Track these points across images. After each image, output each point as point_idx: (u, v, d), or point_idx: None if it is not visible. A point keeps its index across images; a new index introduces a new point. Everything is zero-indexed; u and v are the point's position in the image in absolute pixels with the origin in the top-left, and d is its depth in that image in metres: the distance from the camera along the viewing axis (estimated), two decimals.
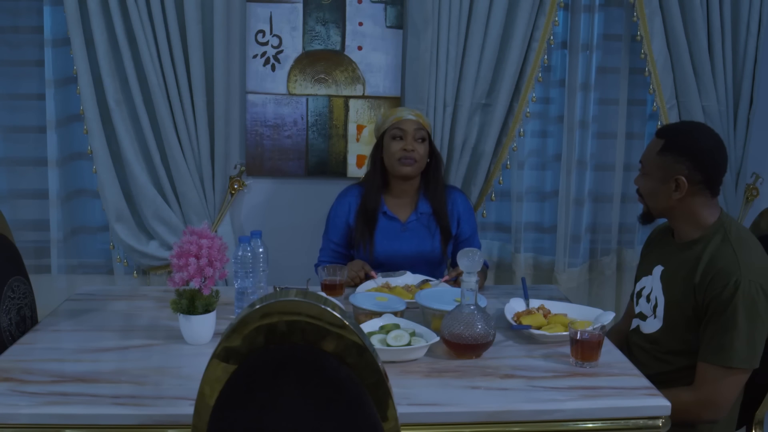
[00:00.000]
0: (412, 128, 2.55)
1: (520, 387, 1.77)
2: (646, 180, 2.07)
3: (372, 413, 1.36)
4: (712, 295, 1.90)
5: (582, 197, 3.05)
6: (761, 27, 2.94)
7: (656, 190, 2.04)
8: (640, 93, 3.10)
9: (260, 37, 2.94)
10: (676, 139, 2.01)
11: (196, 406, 1.38)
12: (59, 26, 2.80)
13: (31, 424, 1.61)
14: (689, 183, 1.97)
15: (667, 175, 2.00)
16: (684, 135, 2.03)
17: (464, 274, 1.90)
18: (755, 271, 1.89)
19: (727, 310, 1.87)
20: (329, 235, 2.66)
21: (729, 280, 1.88)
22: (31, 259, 2.89)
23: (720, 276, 1.90)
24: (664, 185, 2.01)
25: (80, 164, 2.97)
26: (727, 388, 1.90)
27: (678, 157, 1.98)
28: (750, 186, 3.13)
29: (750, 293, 1.86)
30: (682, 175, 1.97)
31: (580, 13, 2.95)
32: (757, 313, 1.87)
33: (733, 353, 1.87)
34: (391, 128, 2.57)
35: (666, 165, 2.00)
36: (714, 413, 1.92)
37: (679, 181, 1.98)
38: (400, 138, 2.54)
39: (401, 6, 2.96)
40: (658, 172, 2.02)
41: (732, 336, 1.86)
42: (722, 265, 1.91)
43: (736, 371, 1.88)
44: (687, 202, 2.00)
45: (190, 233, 1.97)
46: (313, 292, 1.43)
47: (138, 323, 2.19)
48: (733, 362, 1.87)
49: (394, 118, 2.58)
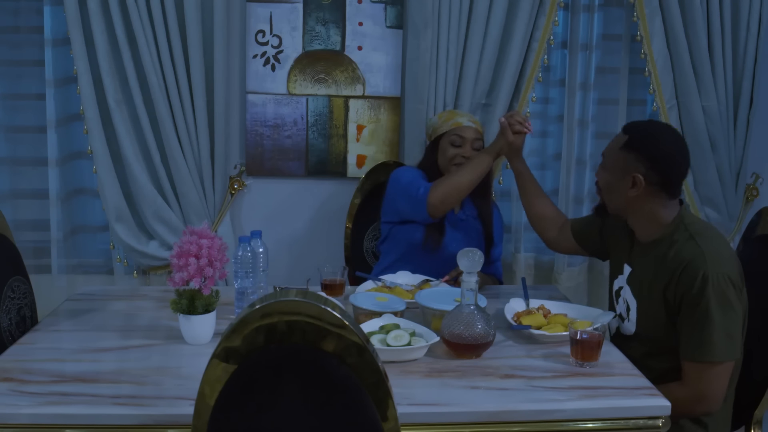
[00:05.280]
0: (472, 137, 2.58)
1: (520, 387, 1.77)
2: (606, 173, 2.08)
3: (372, 413, 1.36)
4: (683, 290, 1.91)
5: (582, 197, 3.06)
6: (761, 27, 2.94)
7: (613, 185, 2.05)
8: (640, 93, 3.10)
9: (260, 37, 2.94)
10: (639, 137, 2.01)
11: (196, 406, 1.38)
12: (59, 26, 2.80)
13: (31, 424, 1.60)
14: (646, 182, 1.97)
15: (625, 171, 2.00)
16: (648, 134, 2.02)
17: (464, 274, 1.90)
18: (721, 262, 1.90)
19: (699, 304, 1.88)
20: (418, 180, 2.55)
21: (697, 274, 1.88)
22: (31, 259, 2.89)
23: (688, 271, 1.90)
24: (622, 181, 2.01)
25: (80, 164, 2.97)
26: (715, 382, 1.90)
27: (638, 155, 1.98)
28: (750, 186, 3.14)
29: (719, 285, 1.87)
30: (639, 174, 1.97)
31: (579, 13, 2.95)
32: (729, 303, 1.88)
33: (713, 347, 1.87)
34: (449, 133, 2.59)
35: (626, 161, 2.00)
36: (707, 406, 1.93)
37: (636, 179, 1.98)
38: (459, 146, 2.57)
39: (401, 6, 2.96)
40: (618, 167, 2.02)
41: (709, 331, 1.87)
42: (689, 259, 1.91)
43: (717, 364, 1.88)
44: (643, 201, 2.01)
45: (190, 233, 1.97)
46: (313, 292, 1.43)
47: (138, 323, 2.19)
48: (714, 356, 1.87)
49: (453, 123, 2.60)
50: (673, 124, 2.99)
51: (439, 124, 2.65)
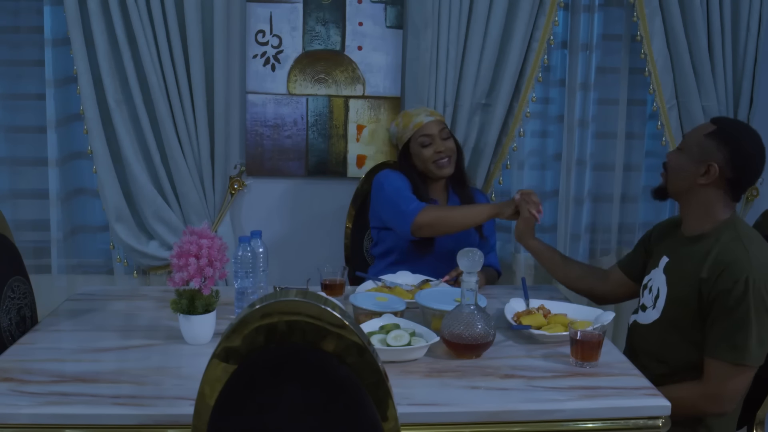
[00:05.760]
0: (437, 129, 2.58)
1: (520, 387, 1.77)
2: (681, 155, 2.07)
3: (372, 413, 1.36)
4: (720, 290, 1.90)
5: (582, 197, 3.06)
6: (761, 27, 2.94)
7: (686, 167, 2.03)
8: (640, 93, 3.10)
9: (260, 37, 2.94)
10: (728, 129, 2.02)
11: (196, 406, 1.38)
12: (59, 26, 2.80)
13: (31, 424, 1.60)
14: (720, 174, 1.98)
15: (703, 157, 2.00)
16: (736, 130, 2.04)
17: (464, 274, 1.90)
18: (765, 270, 1.90)
19: (739, 307, 1.88)
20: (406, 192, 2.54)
21: (740, 277, 1.88)
22: (31, 259, 2.89)
23: (730, 272, 1.90)
24: (696, 165, 2.00)
25: (80, 164, 2.97)
26: (737, 384, 1.92)
27: (721, 146, 1.98)
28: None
29: (760, 291, 1.87)
30: (716, 163, 1.97)
31: (579, 13, 2.95)
32: (766, 310, 1.88)
33: (746, 352, 1.88)
34: (415, 136, 2.58)
35: (707, 147, 2.00)
36: (721, 407, 1.94)
37: (711, 168, 1.98)
38: (429, 144, 2.56)
39: (401, 6, 2.96)
40: (697, 151, 2.01)
41: (746, 335, 1.87)
42: (732, 261, 1.91)
43: (746, 368, 1.90)
44: (707, 192, 2.00)
45: (190, 233, 1.97)
46: (313, 292, 1.43)
47: (138, 323, 2.19)
48: (746, 360, 1.88)
49: (414, 125, 2.60)
50: (673, 124, 3.00)
51: (400, 131, 2.64)
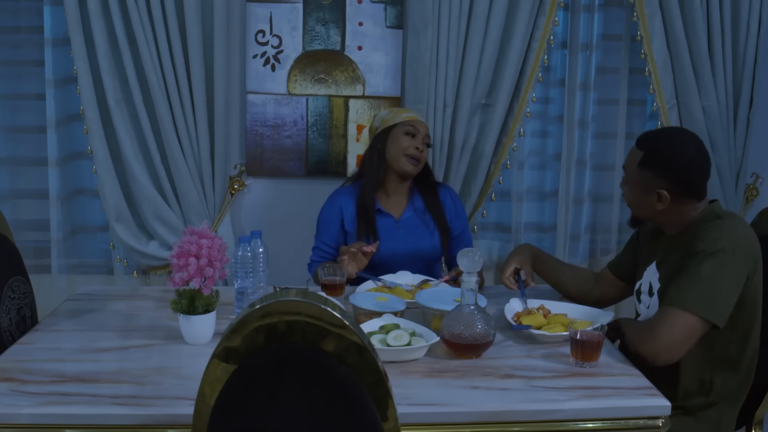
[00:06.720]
0: (424, 132, 2.59)
1: (520, 387, 1.77)
2: (629, 190, 2.05)
3: (372, 413, 1.36)
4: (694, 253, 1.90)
5: (582, 197, 3.06)
6: (761, 27, 2.94)
7: (639, 201, 2.03)
8: (640, 93, 3.10)
9: (260, 37, 2.94)
10: (655, 152, 1.98)
11: (196, 406, 1.38)
12: (59, 26, 2.81)
13: (31, 424, 1.60)
14: (671, 195, 1.96)
15: (648, 188, 1.98)
16: (663, 147, 1.98)
17: (464, 274, 1.90)
18: (737, 235, 1.89)
19: (698, 255, 1.87)
20: (322, 238, 2.66)
21: (708, 236, 1.89)
22: (31, 259, 2.89)
23: (705, 240, 1.89)
24: (647, 197, 1.99)
25: (80, 164, 2.97)
26: (670, 328, 1.84)
27: (657, 171, 1.96)
28: (750, 186, 3.14)
29: (725, 252, 1.86)
30: (663, 189, 1.96)
31: (579, 13, 2.95)
32: (726, 271, 1.86)
33: (687, 296, 1.85)
34: (404, 124, 2.58)
35: (647, 179, 1.98)
36: (651, 350, 1.86)
37: (661, 195, 1.97)
38: (413, 135, 2.57)
39: (401, 6, 2.96)
40: (640, 184, 2.00)
41: (693, 282, 1.86)
42: (709, 231, 1.91)
43: (690, 315, 1.84)
44: (671, 209, 1.99)
45: (190, 233, 1.97)
46: (313, 292, 1.43)
47: (138, 323, 2.19)
48: (686, 304, 1.84)
49: (407, 115, 2.61)
50: (673, 124, 2.99)
51: (390, 115, 2.63)
